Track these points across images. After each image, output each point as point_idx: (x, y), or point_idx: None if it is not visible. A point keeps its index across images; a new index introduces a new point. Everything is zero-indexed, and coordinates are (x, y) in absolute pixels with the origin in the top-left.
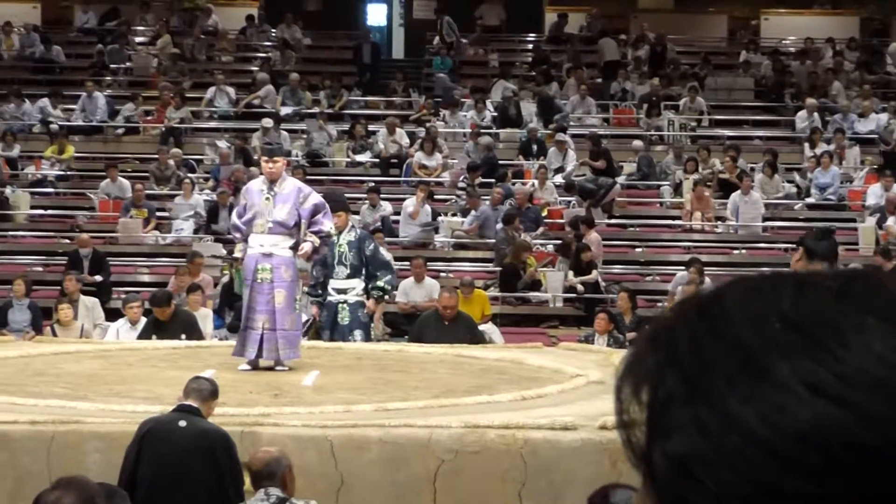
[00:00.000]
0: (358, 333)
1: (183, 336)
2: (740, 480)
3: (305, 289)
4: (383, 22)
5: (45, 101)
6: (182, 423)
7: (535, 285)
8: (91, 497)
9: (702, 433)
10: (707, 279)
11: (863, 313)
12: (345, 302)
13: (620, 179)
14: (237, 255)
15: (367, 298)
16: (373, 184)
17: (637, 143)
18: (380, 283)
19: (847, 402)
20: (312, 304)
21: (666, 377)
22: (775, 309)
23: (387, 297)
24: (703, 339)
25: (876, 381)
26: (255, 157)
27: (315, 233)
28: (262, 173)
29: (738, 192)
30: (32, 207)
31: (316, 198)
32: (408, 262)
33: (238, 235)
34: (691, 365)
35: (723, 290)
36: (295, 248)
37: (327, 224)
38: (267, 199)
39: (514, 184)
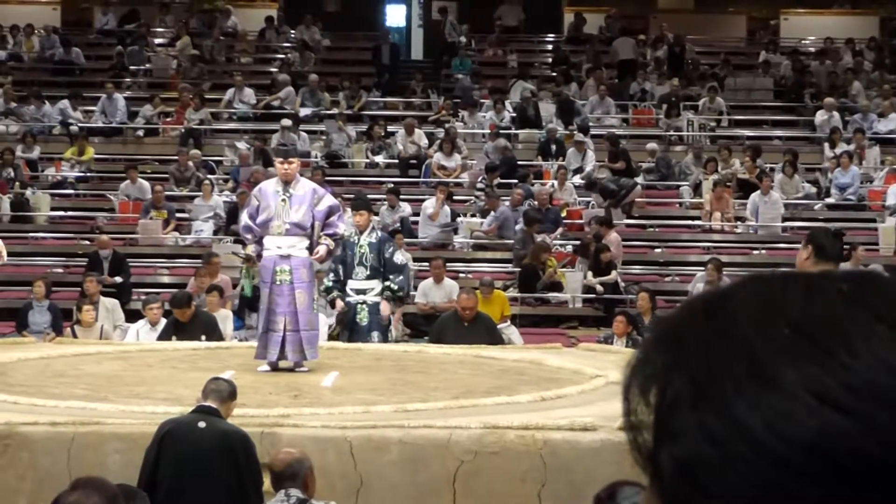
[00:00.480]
0: (376, 335)
1: (203, 337)
2: (745, 487)
3: (326, 284)
4: (402, 23)
5: (65, 103)
6: (201, 424)
7: (555, 286)
8: (114, 496)
9: (708, 438)
10: (726, 279)
11: (873, 321)
12: (364, 303)
13: (639, 180)
14: (250, 253)
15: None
16: (392, 185)
17: (651, 144)
18: (390, 285)
19: (854, 413)
20: (336, 297)
21: (673, 379)
22: (784, 313)
23: (397, 298)
24: (711, 341)
25: (884, 391)
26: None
27: (330, 235)
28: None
29: (758, 192)
30: (52, 209)
31: (330, 199)
32: (427, 263)
33: (250, 237)
34: (699, 368)
35: (731, 290)
36: (310, 249)
37: (341, 226)
38: (283, 200)
39: (533, 184)
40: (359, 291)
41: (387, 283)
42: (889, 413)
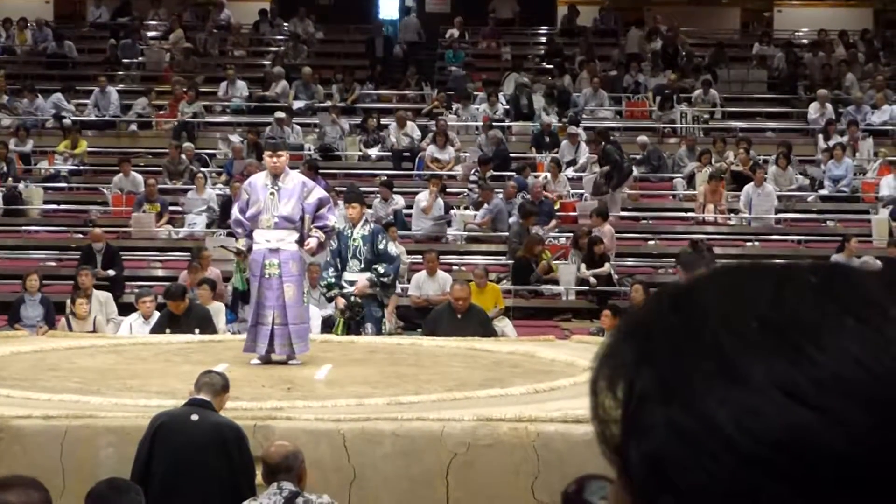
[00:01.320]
0: (370, 327)
1: (197, 330)
2: (713, 483)
3: (328, 280)
4: (396, 15)
5: (59, 96)
6: (194, 417)
7: (550, 279)
8: (44, 486)
9: (676, 434)
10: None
11: (841, 314)
12: (357, 296)
13: (636, 170)
14: (241, 247)
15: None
16: (385, 178)
17: (643, 137)
18: (377, 268)
19: (822, 408)
20: (337, 296)
21: (641, 374)
22: (753, 307)
23: (382, 284)
24: (679, 336)
25: (852, 386)
26: None
27: (320, 227)
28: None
29: (752, 184)
30: (45, 202)
31: (320, 192)
32: (421, 256)
33: (240, 230)
34: (667, 363)
35: (699, 283)
36: (300, 242)
37: (332, 218)
38: (272, 193)
39: (533, 176)
40: (353, 284)
41: (374, 267)
42: (858, 408)
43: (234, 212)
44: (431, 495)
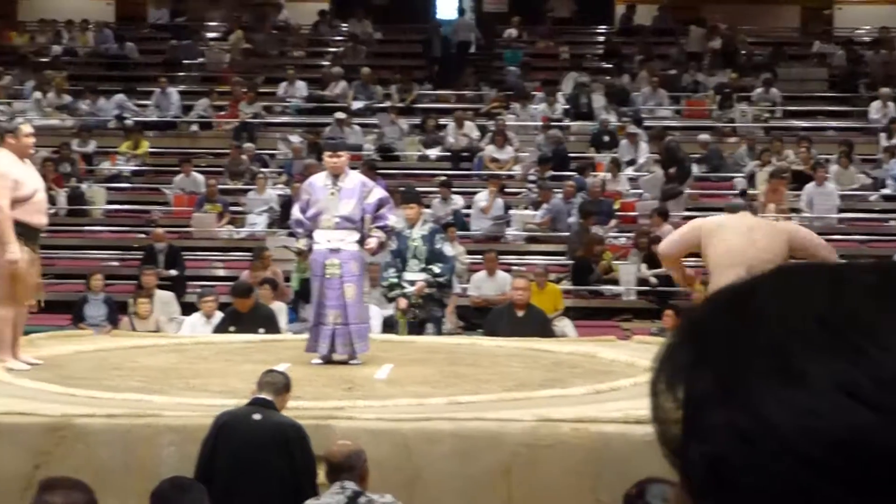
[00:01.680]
0: (430, 327)
1: (261, 330)
2: (773, 484)
3: (390, 280)
4: (454, 15)
5: (121, 97)
6: (256, 417)
7: (610, 279)
8: (89, 488)
9: (735, 436)
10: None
11: None
12: (417, 296)
13: (695, 169)
14: (302, 247)
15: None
16: (444, 178)
17: (703, 136)
18: (432, 268)
19: (884, 408)
20: (398, 296)
21: (700, 376)
22: (811, 307)
23: (437, 284)
24: (737, 336)
25: None
26: None
27: (381, 227)
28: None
29: (813, 183)
30: (108, 203)
31: (380, 192)
32: (480, 256)
33: (301, 230)
34: (725, 364)
35: (756, 284)
36: (361, 242)
37: (392, 218)
38: (332, 194)
39: (593, 176)
40: (413, 284)
41: (430, 267)
42: None
43: (295, 211)
44: (491, 495)
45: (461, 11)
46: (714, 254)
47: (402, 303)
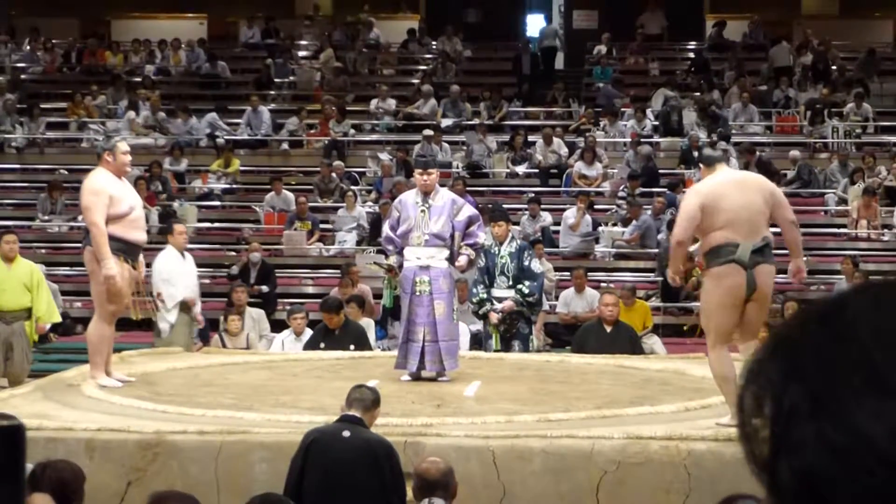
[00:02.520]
0: (516, 345)
1: (352, 347)
2: (867, 498)
3: (480, 296)
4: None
5: (213, 116)
6: (346, 434)
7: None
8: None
9: (827, 449)
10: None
11: None
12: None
13: (783, 189)
14: (392, 264)
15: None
16: (532, 194)
17: (794, 152)
18: (521, 288)
19: None
20: (489, 311)
21: (790, 389)
22: None
23: (527, 303)
24: (828, 350)
25: None
26: None
27: (470, 245)
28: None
29: None
30: (199, 220)
31: (469, 209)
32: (568, 273)
33: (391, 248)
34: (816, 378)
35: (847, 298)
36: (451, 259)
37: (482, 235)
38: (422, 211)
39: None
40: (500, 301)
41: (518, 287)
42: None
43: (385, 229)
44: None
45: (549, 23)
46: (714, 224)
47: (494, 317)
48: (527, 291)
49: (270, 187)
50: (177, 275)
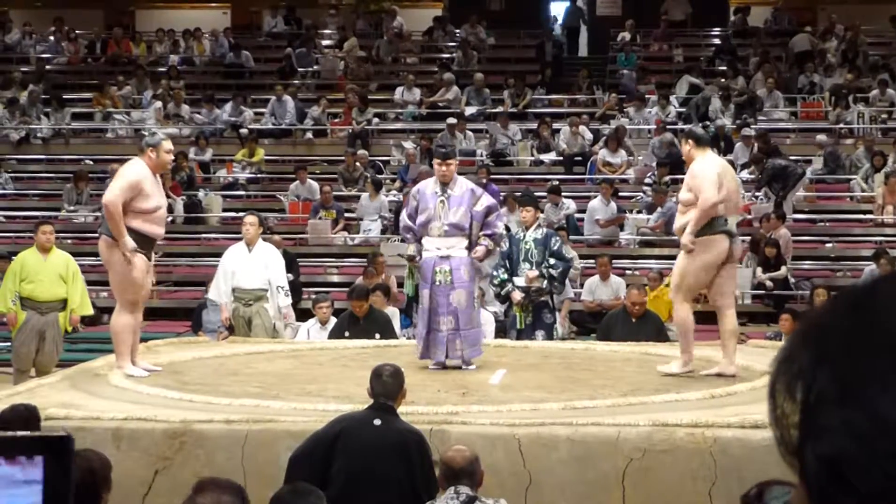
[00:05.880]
0: (540, 334)
1: (378, 335)
2: (891, 483)
3: (500, 278)
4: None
5: (237, 105)
6: (377, 422)
7: None
8: (242, 491)
9: (853, 435)
10: None
11: None
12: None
13: (810, 171)
14: (412, 253)
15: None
16: (555, 182)
17: (821, 137)
18: (550, 268)
19: None
20: (511, 291)
21: (818, 376)
22: None
23: (551, 279)
24: (856, 337)
25: None
26: None
27: (489, 235)
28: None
29: None
30: (224, 210)
31: (488, 199)
32: (593, 261)
33: (410, 236)
34: (844, 364)
35: (876, 285)
36: (470, 248)
37: (500, 225)
38: (441, 201)
39: None
40: (523, 289)
41: (547, 266)
42: None
43: (403, 217)
44: (607, 500)
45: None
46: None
47: (517, 296)
48: (552, 263)
49: (295, 176)
50: (239, 268)
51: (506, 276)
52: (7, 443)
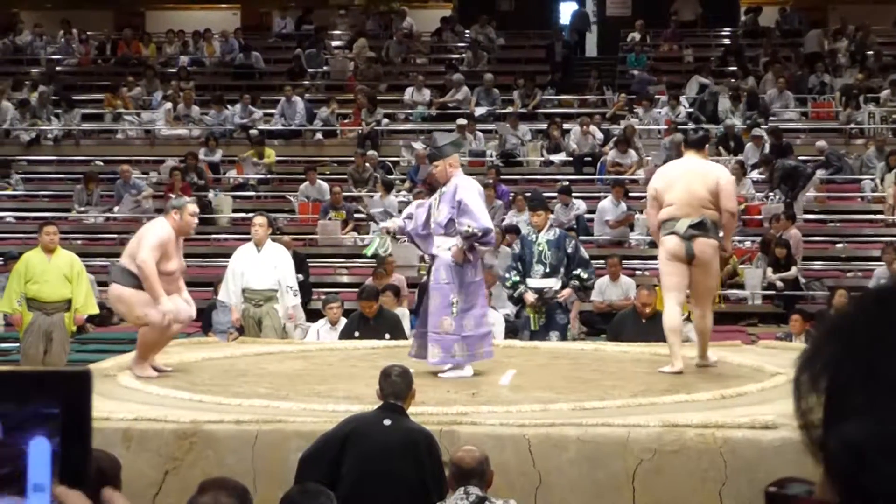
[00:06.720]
0: (554, 335)
1: (387, 336)
2: None
3: (512, 279)
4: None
5: (247, 106)
6: (387, 422)
7: (736, 283)
8: (246, 494)
9: (878, 420)
10: None
11: None
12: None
13: (818, 173)
14: (388, 225)
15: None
16: (565, 183)
17: (821, 143)
18: (579, 273)
19: None
20: (524, 292)
21: (843, 368)
22: None
23: (584, 288)
24: (882, 328)
25: None
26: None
27: (461, 233)
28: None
29: None
30: (234, 211)
31: (462, 193)
32: (603, 261)
33: (402, 216)
34: (870, 353)
35: None
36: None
37: (465, 222)
38: (435, 199)
39: None
40: (536, 290)
41: (576, 273)
42: None
43: (412, 206)
44: (617, 501)
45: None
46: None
47: (530, 297)
48: (585, 276)
49: (305, 177)
50: (248, 269)
51: (518, 277)
52: (24, 379)
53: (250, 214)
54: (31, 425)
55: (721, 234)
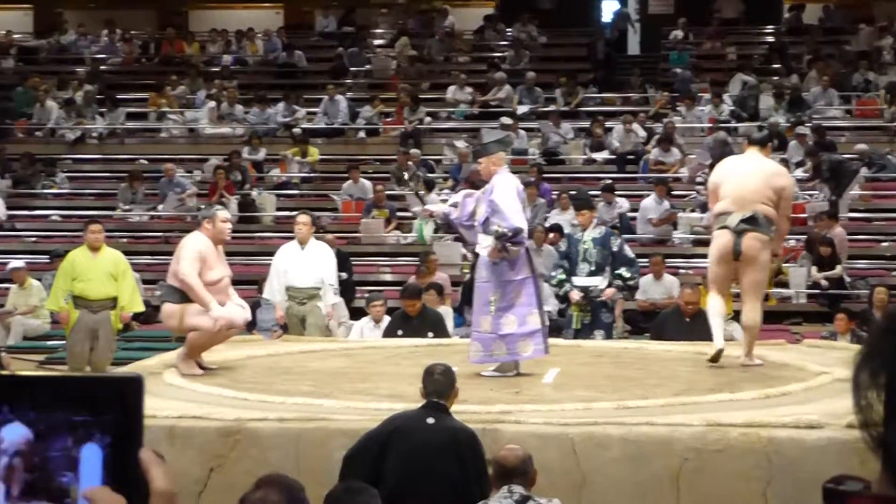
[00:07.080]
0: (599, 334)
1: (430, 334)
2: None
3: (558, 278)
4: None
5: (290, 105)
6: (430, 420)
7: (780, 282)
8: (295, 492)
9: None
10: None
11: None
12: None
13: (862, 172)
14: (433, 209)
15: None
16: (608, 181)
17: (860, 146)
18: (622, 273)
19: None
20: (570, 291)
21: None
22: None
23: (627, 287)
24: None
25: None
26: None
27: (494, 233)
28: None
29: None
30: (278, 209)
31: (495, 193)
32: (646, 260)
33: (453, 205)
34: None
35: None
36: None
37: (495, 221)
38: (478, 198)
39: None
40: (581, 289)
41: (619, 272)
42: None
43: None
44: (661, 500)
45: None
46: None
47: (575, 295)
48: (628, 275)
49: (348, 176)
50: (292, 267)
51: (564, 276)
52: (73, 384)
53: (294, 213)
54: (60, 432)
55: (773, 228)
